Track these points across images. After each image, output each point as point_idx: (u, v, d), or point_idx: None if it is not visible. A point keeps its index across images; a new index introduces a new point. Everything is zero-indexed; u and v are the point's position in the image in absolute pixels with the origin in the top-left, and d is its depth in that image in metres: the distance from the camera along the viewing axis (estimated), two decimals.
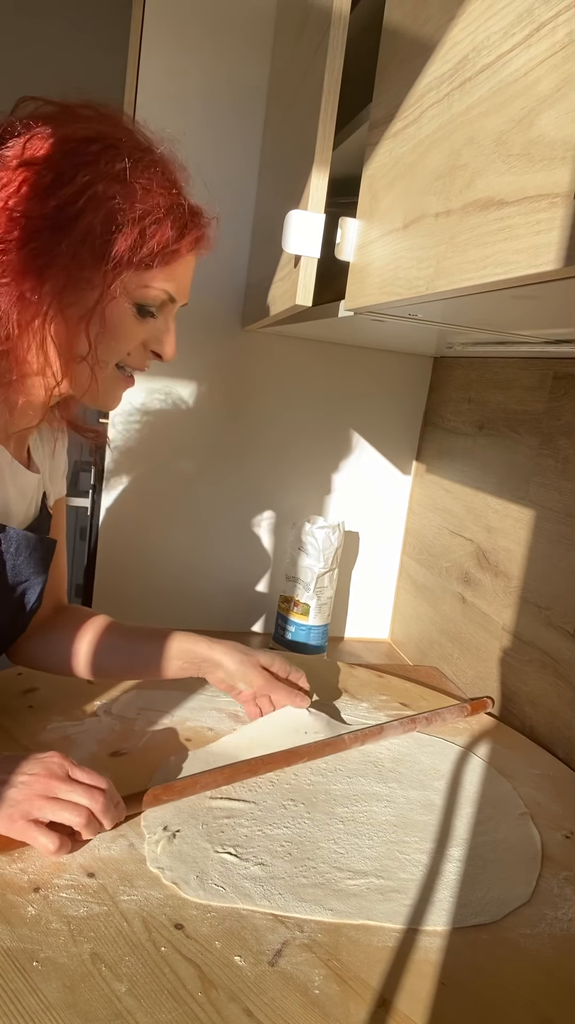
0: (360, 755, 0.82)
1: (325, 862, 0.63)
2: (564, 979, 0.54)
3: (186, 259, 0.71)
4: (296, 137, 0.89)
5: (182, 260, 0.70)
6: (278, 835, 0.66)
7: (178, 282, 0.71)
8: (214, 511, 1.34)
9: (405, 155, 0.64)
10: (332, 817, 0.70)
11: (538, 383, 1.04)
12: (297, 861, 0.63)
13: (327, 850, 0.65)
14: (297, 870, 0.62)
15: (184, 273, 0.72)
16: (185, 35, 1.16)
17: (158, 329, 0.72)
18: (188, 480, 1.31)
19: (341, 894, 0.60)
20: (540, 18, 0.43)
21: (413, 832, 0.69)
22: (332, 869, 0.62)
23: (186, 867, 0.60)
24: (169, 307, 0.72)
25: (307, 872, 0.62)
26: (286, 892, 0.59)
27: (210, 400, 1.29)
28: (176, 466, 1.30)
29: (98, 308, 0.67)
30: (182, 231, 0.68)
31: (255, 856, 0.63)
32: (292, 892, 0.59)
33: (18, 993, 0.47)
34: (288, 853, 0.64)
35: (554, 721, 0.94)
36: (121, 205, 0.64)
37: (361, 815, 0.71)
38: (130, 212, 0.64)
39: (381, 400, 1.36)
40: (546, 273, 0.41)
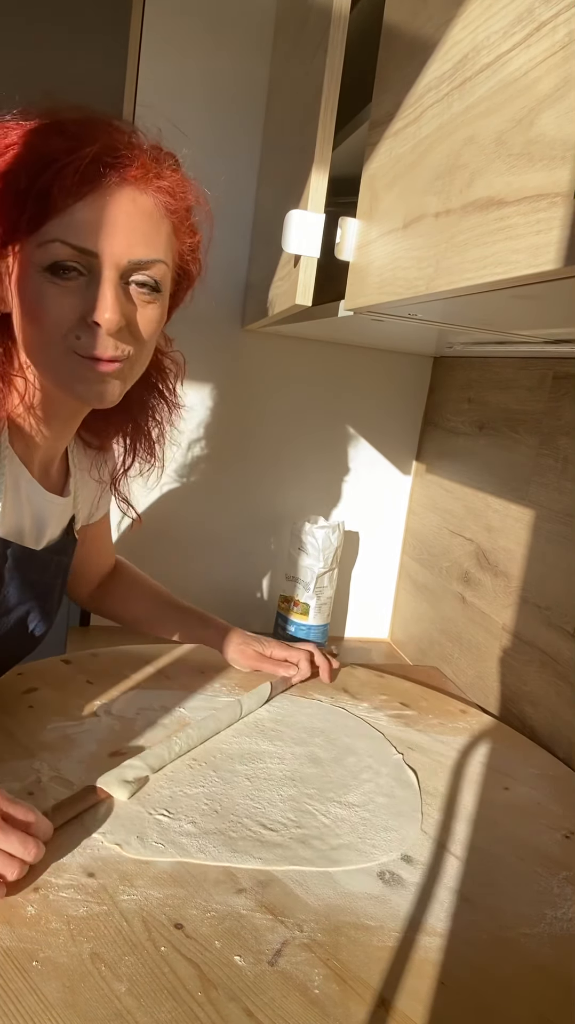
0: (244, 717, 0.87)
1: (248, 816, 0.68)
2: (564, 979, 0.54)
3: (88, 202, 0.61)
4: (296, 137, 0.89)
5: (87, 204, 0.61)
6: (198, 794, 0.70)
7: (85, 230, 0.61)
8: (214, 511, 1.34)
9: (405, 155, 0.64)
10: (236, 775, 0.75)
11: (538, 383, 1.04)
12: (222, 817, 0.67)
13: (244, 805, 0.70)
14: (226, 825, 0.66)
15: (99, 219, 0.61)
16: (185, 35, 1.16)
17: (91, 293, 0.63)
18: (188, 480, 1.31)
19: (267, 844, 0.64)
20: (540, 18, 0.43)
21: (310, 784, 0.75)
22: (254, 823, 0.67)
23: (126, 830, 0.64)
24: (96, 265, 0.62)
25: (235, 827, 0.66)
26: (220, 846, 0.63)
27: (210, 400, 1.29)
28: (175, 466, 1.30)
29: (18, 295, 0.63)
30: (41, 171, 0.60)
31: (186, 815, 0.67)
32: (225, 845, 0.63)
33: (18, 993, 0.47)
34: (214, 811, 0.68)
35: (554, 721, 0.94)
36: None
37: (261, 772, 0.76)
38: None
39: (381, 400, 1.36)
40: (546, 273, 0.41)
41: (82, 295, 0.63)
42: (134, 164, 0.63)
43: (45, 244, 0.61)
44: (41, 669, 0.92)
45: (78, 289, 0.63)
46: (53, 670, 0.93)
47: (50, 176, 0.59)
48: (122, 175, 0.62)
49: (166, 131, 0.71)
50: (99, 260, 0.62)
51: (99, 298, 0.62)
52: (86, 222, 0.61)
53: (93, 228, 0.61)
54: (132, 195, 0.63)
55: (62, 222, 0.61)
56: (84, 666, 0.95)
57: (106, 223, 0.62)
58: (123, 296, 0.64)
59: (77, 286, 0.63)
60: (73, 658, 0.97)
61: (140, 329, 0.67)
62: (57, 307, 0.62)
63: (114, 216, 0.62)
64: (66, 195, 0.60)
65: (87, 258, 0.62)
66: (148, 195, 0.64)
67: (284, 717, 0.89)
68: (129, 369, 0.69)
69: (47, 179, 0.59)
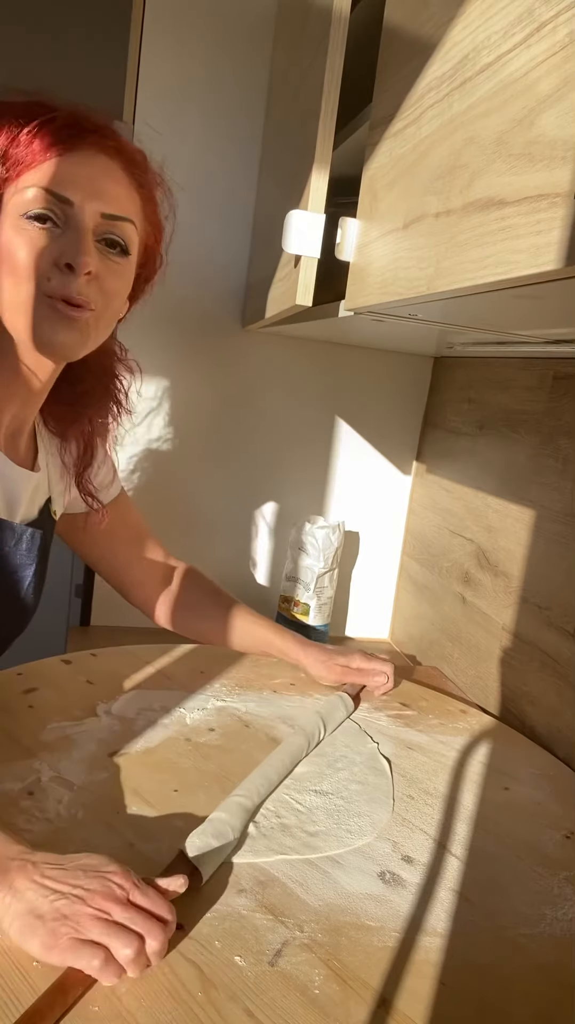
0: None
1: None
2: (564, 979, 0.54)
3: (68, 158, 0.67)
4: (296, 137, 0.89)
5: (65, 160, 0.67)
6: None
7: (62, 180, 0.66)
8: (214, 511, 1.34)
9: (405, 155, 0.64)
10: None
11: (538, 383, 1.04)
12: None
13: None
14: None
15: (74, 172, 0.67)
16: (185, 35, 1.16)
17: (66, 239, 0.67)
18: (188, 480, 1.31)
19: (252, 836, 0.65)
20: (540, 18, 0.43)
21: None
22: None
23: None
24: (71, 212, 0.67)
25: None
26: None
27: (210, 400, 1.29)
28: (175, 466, 1.30)
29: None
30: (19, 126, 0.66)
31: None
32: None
33: (18, 993, 0.47)
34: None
35: (554, 721, 0.94)
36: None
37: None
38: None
39: (381, 400, 1.36)
40: (546, 273, 0.41)
41: (57, 242, 0.67)
42: (111, 137, 0.69)
43: (23, 190, 0.66)
44: (41, 669, 0.92)
45: (53, 237, 0.67)
46: (53, 670, 0.93)
47: (31, 132, 0.66)
48: (99, 142, 0.69)
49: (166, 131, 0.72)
50: (75, 209, 0.67)
51: (74, 243, 0.67)
52: (65, 173, 0.67)
53: (71, 179, 0.67)
54: (107, 162, 0.69)
55: (41, 171, 0.66)
56: (84, 666, 0.95)
57: (83, 177, 0.67)
58: (96, 251, 0.70)
59: (52, 235, 0.67)
60: (73, 658, 0.97)
61: (108, 289, 0.71)
62: (32, 249, 0.67)
63: (90, 173, 0.68)
64: (46, 149, 0.66)
65: (63, 207, 0.67)
66: (121, 167, 0.71)
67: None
68: (95, 323, 0.72)
69: (28, 135, 0.66)
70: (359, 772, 0.78)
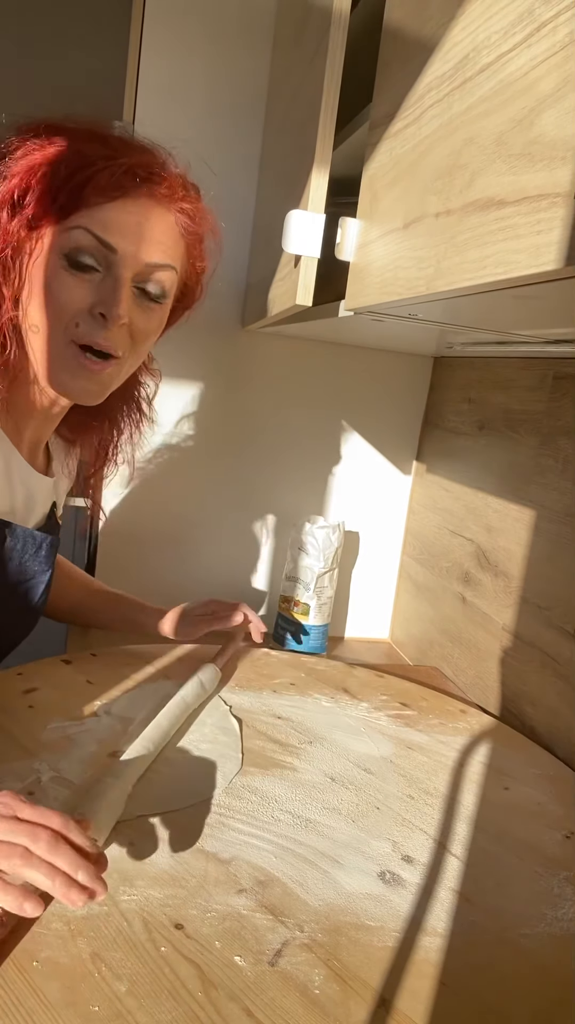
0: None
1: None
2: (564, 979, 0.54)
3: (119, 205, 0.65)
4: (296, 137, 0.89)
5: (113, 205, 0.65)
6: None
7: (110, 227, 0.65)
8: (214, 511, 1.34)
9: (405, 155, 0.64)
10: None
11: (538, 383, 1.04)
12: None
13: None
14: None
15: (120, 219, 0.66)
16: (185, 35, 1.16)
17: (104, 287, 0.66)
18: (187, 480, 1.31)
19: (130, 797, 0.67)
20: (540, 18, 0.43)
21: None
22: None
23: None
24: (113, 260, 0.66)
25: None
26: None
27: (210, 400, 1.29)
28: (175, 466, 1.30)
29: (32, 276, 0.65)
30: (84, 166, 0.64)
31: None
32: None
33: (18, 993, 0.47)
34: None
35: (554, 721, 0.94)
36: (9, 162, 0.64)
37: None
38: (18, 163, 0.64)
39: (381, 400, 1.36)
40: (547, 273, 0.41)
41: (94, 288, 0.66)
42: (163, 183, 0.67)
43: (70, 230, 0.65)
44: (41, 669, 0.92)
45: (91, 282, 0.66)
46: (53, 670, 0.93)
47: (87, 174, 0.64)
48: (151, 190, 0.67)
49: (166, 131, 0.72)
50: (118, 257, 0.66)
51: (111, 292, 0.66)
52: (112, 220, 0.65)
53: (118, 227, 0.65)
54: (157, 210, 0.68)
55: (90, 214, 0.65)
56: (84, 666, 0.95)
57: (130, 225, 0.66)
58: (132, 298, 0.68)
59: (91, 279, 0.66)
60: (73, 658, 0.97)
61: (139, 333, 0.71)
62: (68, 293, 0.66)
63: (138, 221, 0.66)
64: (98, 193, 0.64)
65: (106, 253, 0.65)
66: (171, 213, 0.69)
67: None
68: (117, 371, 0.72)
69: (83, 176, 0.64)
70: (209, 732, 0.81)
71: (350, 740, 0.85)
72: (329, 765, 0.79)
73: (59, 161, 0.64)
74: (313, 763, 0.79)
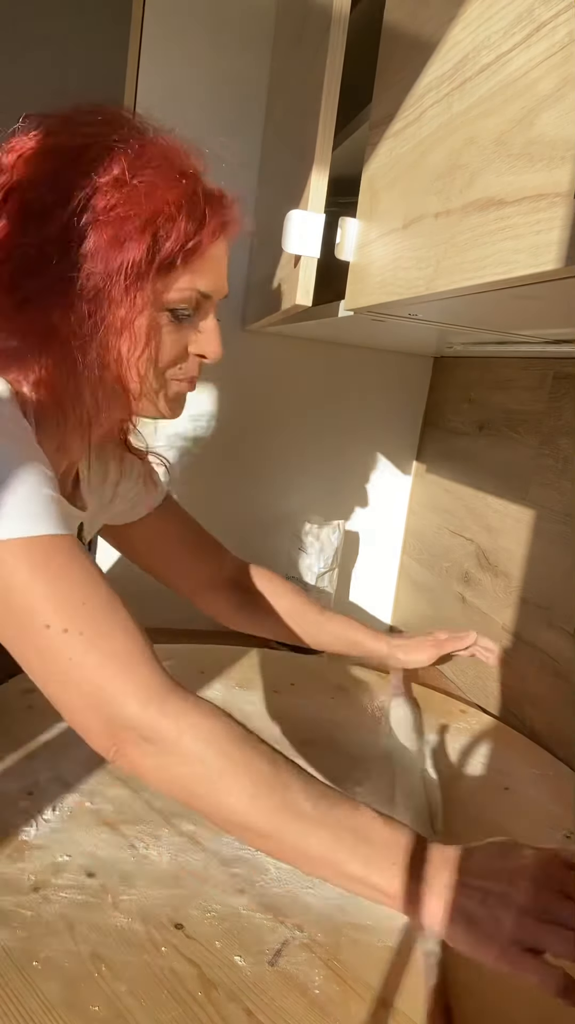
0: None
1: None
2: None
3: (213, 250, 0.65)
4: (296, 137, 0.89)
5: (208, 253, 0.65)
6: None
7: (210, 276, 0.66)
8: (214, 511, 1.33)
9: (405, 155, 0.64)
10: None
11: (538, 383, 1.04)
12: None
13: None
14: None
15: (214, 266, 0.66)
16: (185, 35, 1.16)
17: (199, 330, 0.68)
18: (188, 480, 1.31)
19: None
20: (540, 18, 0.43)
21: None
22: None
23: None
24: (206, 304, 0.67)
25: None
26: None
27: (210, 400, 1.29)
28: (176, 466, 1.30)
29: (129, 325, 0.62)
30: (200, 222, 0.63)
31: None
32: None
33: (18, 993, 0.47)
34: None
35: (554, 721, 0.94)
36: (126, 212, 0.59)
37: None
38: (136, 218, 0.59)
39: (381, 400, 1.36)
40: (546, 273, 0.41)
41: (188, 331, 0.67)
42: (236, 217, 0.68)
43: (177, 291, 0.64)
44: None
45: (187, 326, 0.67)
46: None
47: (199, 236, 0.63)
48: (230, 229, 0.67)
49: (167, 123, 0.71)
50: (211, 301, 0.67)
51: (211, 337, 0.68)
52: (211, 270, 0.66)
53: (213, 275, 0.66)
54: (228, 241, 0.68)
55: (195, 270, 0.64)
56: None
57: (219, 270, 0.67)
58: None
59: (187, 325, 0.67)
60: None
61: None
62: (174, 346, 0.66)
63: (221, 261, 0.67)
64: (205, 248, 0.64)
65: (203, 300, 0.66)
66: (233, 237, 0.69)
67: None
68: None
69: (195, 237, 0.63)
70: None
71: (350, 740, 0.85)
72: (328, 765, 0.79)
73: (168, 220, 0.61)
74: (312, 763, 0.79)
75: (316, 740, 0.84)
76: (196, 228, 0.62)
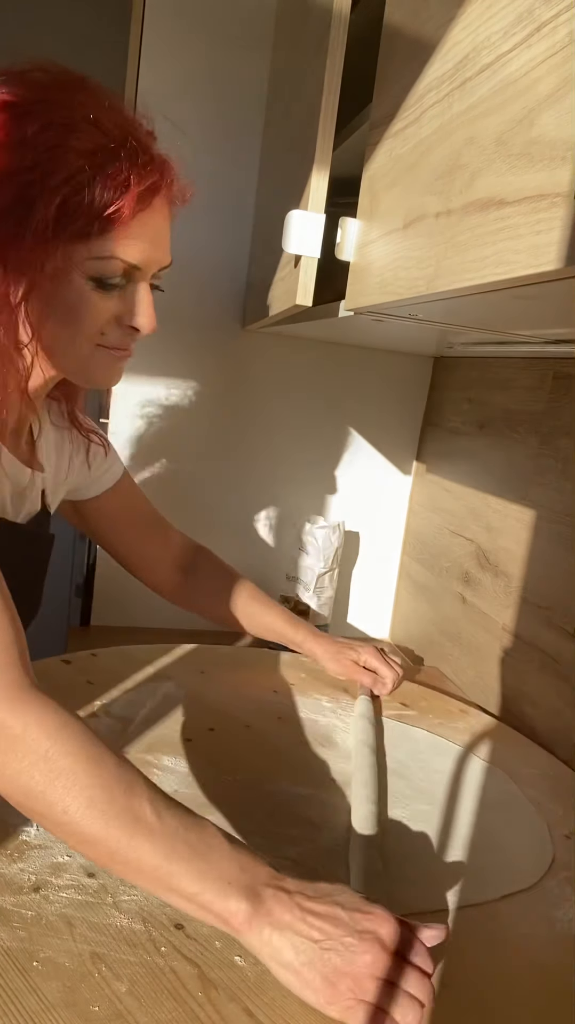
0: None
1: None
2: (564, 979, 0.54)
3: (143, 218, 0.63)
4: (296, 137, 0.89)
5: (137, 220, 0.62)
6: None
7: (139, 246, 0.63)
8: (214, 511, 1.34)
9: (405, 155, 0.64)
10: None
11: (538, 383, 1.04)
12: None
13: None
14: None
15: (144, 234, 0.63)
16: (185, 34, 1.16)
17: (129, 300, 0.66)
18: (188, 480, 1.31)
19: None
20: (540, 18, 0.43)
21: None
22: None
23: None
24: (137, 275, 0.65)
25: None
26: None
27: (210, 400, 1.29)
28: (176, 466, 1.30)
29: (48, 290, 0.62)
30: (121, 189, 0.60)
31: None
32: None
33: (18, 993, 0.47)
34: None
35: (554, 721, 0.94)
36: (33, 175, 0.57)
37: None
38: (48, 180, 0.58)
39: (381, 400, 1.36)
40: (546, 273, 0.41)
41: (119, 301, 0.66)
42: (174, 183, 0.66)
43: (102, 259, 0.62)
44: (41, 669, 0.92)
45: (115, 296, 0.65)
46: (53, 670, 0.93)
47: (121, 196, 0.60)
48: (167, 195, 0.65)
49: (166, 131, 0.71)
50: (141, 272, 0.65)
51: (142, 307, 0.66)
52: (141, 238, 0.63)
53: (143, 245, 0.64)
54: (167, 209, 0.66)
55: (119, 240, 0.62)
56: (84, 666, 0.95)
57: (152, 238, 0.65)
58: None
59: (115, 293, 0.65)
60: (73, 658, 0.97)
61: None
62: (98, 313, 0.65)
63: (157, 231, 0.65)
64: (130, 216, 0.61)
65: (132, 270, 0.65)
66: (174, 205, 0.68)
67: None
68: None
69: (118, 198, 0.60)
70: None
71: (349, 740, 0.85)
72: (327, 766, 0.79)
73: (81, 179, 0.58)
74: (312, 762, 0.79)
75: (316, 740, 0.84)
76: (116, 195, 0.60)
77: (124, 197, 0.60)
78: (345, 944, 0.47)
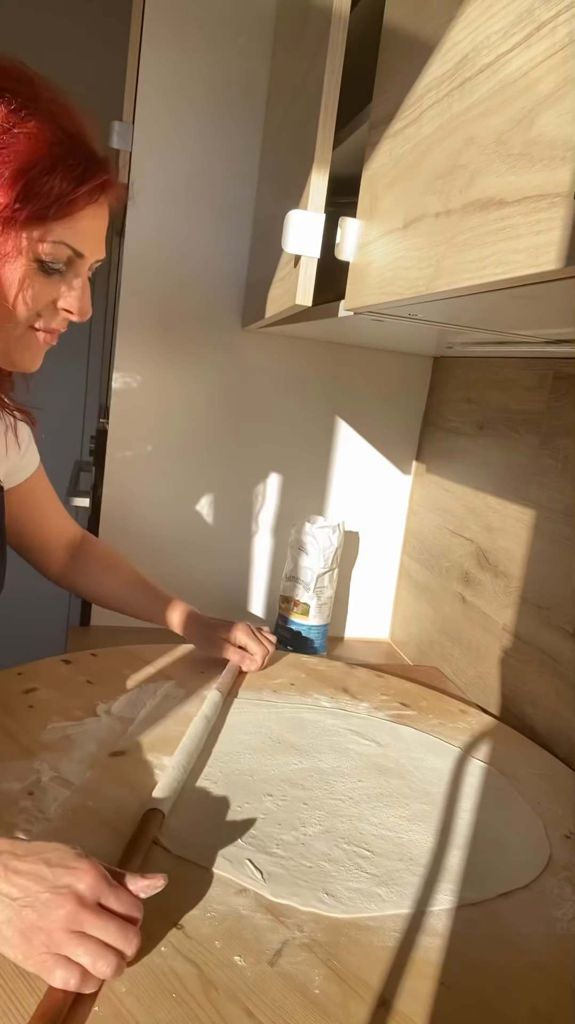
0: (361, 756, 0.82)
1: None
2: (564, 979, 0.54)
3: (90, 211, 0.68)
4: (296, 137, 0.89)
5: (85, 213, 0.67)
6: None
7: (85, 236, 0.68)
8: (214, 511, 1.34)
9: (405, 155, 0.64)
10: (361, 820, 0.70)
11: (538, 383, 1.04)
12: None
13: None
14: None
15: (90, 226, 0.69)
16: (185, 35, 1.16)
17: (68, 287, 0.70)
18: (188, 480, 1.31)
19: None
20: (540, 18, 0.43)
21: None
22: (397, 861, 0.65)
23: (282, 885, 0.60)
24: (78, 263, 0.70)
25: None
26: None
27: (210, 400, 1.29)
28: (175, 466, 1.30)
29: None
30: (78, 181, 0.65)
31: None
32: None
33: (18, 993, 0.47)
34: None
35: (554, 721, 0.94)
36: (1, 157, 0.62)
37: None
38: (11, 164, 0.62)
39: (381, 400, 1.36)
40: (546, 273, 0.41)
41: (57, 286, 0.70)
42: (118, 184, 0.71)
43: (47, 243, 0.67)
44: (41, 669, 0.92)
45: (56, 281, 0.70)
46: (53, 670, 0.93)
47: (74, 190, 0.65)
48: (111, 194, 0.71)
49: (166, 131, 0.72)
50: (83, 261, 0.70)
51: (81, 295, 0.71)
52: (87, 230, 0.69)
53: (89, 235, 0.69)
54: (107, 208, 0.71)
55: (70, 227, 0.67)
56: (84, 666, 0.95)
57: (95, 232, 0.70)
58: None
59: (56, 278, 0.70)
60: (73, 658, 0.97)
61: None
62: (38, 295, 0.69)
63: (100, 225, 0.71)
64: (80, 209, 0.67)
65: (75, 258, 0.69)
66: (112, 205, 0.73)
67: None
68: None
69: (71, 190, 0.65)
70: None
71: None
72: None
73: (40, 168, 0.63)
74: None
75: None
76: (73, 186, 0.65)
77: (80, 188, 0.65)
78: (42, 900, 0.48)
